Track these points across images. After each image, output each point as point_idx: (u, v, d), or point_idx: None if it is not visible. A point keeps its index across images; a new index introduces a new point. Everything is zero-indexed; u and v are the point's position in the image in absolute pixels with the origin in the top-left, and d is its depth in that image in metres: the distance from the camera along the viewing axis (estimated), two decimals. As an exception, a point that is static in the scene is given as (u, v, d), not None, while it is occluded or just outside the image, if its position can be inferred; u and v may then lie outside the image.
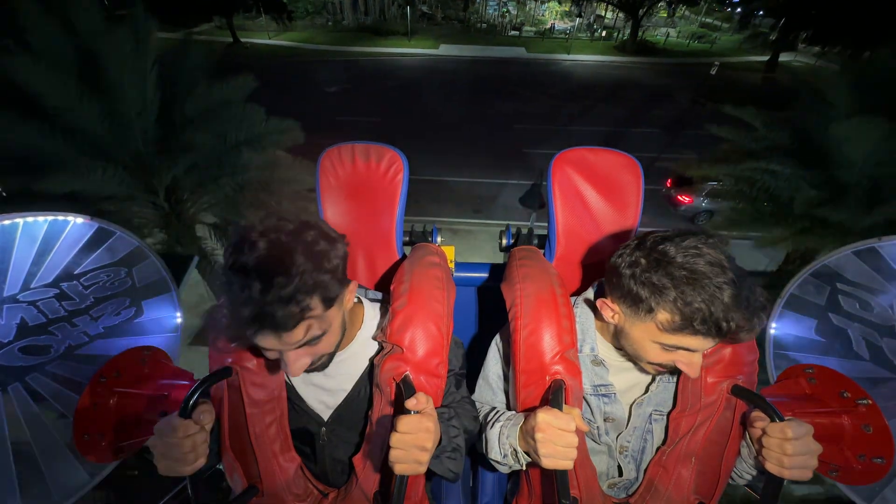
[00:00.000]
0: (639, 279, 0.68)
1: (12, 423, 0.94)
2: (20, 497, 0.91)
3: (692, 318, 0.64)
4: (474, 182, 10.89)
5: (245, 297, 0.58)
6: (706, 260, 0.64)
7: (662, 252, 0.67)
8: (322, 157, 1.06)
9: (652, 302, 0.67)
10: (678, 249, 0.66)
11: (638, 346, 0.75)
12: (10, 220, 1.09)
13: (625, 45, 22.14)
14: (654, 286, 0.66)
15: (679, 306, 0.64)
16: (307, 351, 0.68)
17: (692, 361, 0.71)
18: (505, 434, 0.80)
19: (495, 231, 7.23)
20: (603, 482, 0.92)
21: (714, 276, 0.63)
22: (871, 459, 0.77)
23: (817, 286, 1.09)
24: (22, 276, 1.06)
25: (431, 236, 1.22)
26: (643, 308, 0.69)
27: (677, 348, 0.69)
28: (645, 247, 0.70)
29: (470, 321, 1.35)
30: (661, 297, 0.65)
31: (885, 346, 0.98)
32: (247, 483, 0.82)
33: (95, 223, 1.18)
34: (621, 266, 0.72)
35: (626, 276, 0.70)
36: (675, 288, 0.64)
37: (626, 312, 0.74)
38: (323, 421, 0.87)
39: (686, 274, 0.64)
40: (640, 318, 0.70)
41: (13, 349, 0.99)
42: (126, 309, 1.14)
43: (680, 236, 0.68)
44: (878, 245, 1.08)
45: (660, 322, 0.68)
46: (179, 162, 4.35)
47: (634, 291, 0.69)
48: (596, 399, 0.86)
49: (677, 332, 0.67)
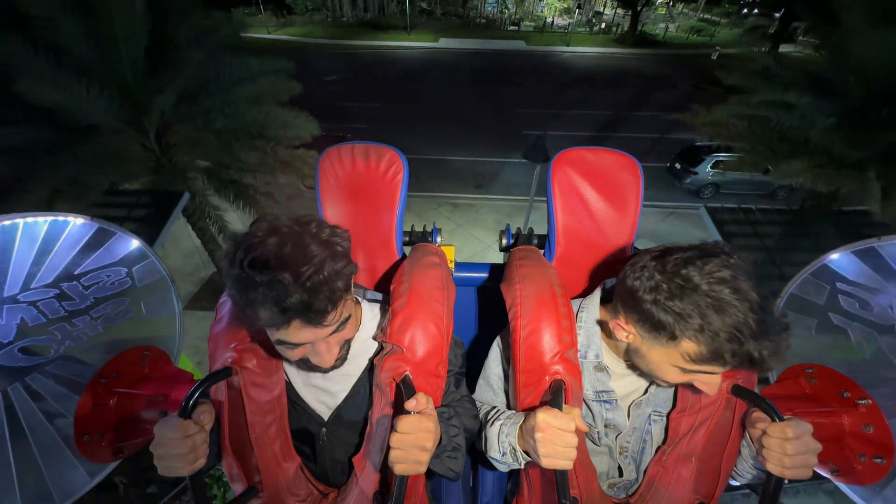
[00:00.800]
0: (661, 306, 0.66)
1: (12, 424, 0.94)
2: (20, 497, 0.91)
3: (721, 350, 0.62)
4: (476, 161, 11.13)
5: (275, 292, 0.57)
6: (731, 287, 0.61)
7: (686, 278, 0.64)
8: (322, 157, 1.06)
9: (676, 330, 0.65)
10: (702, 276, 0.63)
11: (655, 367, 0.73)
12: (10, 221, 1.09)
13: (624, 38, 22.37)
14: (679, 315, 0.64)
15: (707, 338, 0.62)
16: (336, 338, 0.69)
17: (712, 382, 0.71)
18: (504, 432, 0.80)
19: (496, 204, 7.77)
20: (603, 482, 0.92)
21: (741, 304, 0.60)
22: (871, 459, 0.77)
23: (817, 286, 1.09)
24: (22, 276, 1.06)
25: (431, 236, 1.22)
26: (665, 335, 0.67)
27: (700, 373, 0.68)
28: (666, 271, 0.67)
29: (470, 321, 1.35)
30: (687, 326, 0.63)
31: (885, 346, 0.98)
32: (247, 483, 0.82)
33: (96, 223, 1.18)
34: (640, 290, 0.69)
35: (647, 301, 0.67)
36: (702, 318, 0.62)
37: (643, 336, 0.72)
38: (323, 421, 0.87)
39: (712, 302, 0.61)
40: (660, 343, 0.69)
41: (13, 349, 0.99)
42: (126, 309, 1.14)
43: (702, 259, 0.65)
44: (878, 245, 1.08)
45: (685, 351, 0.66)
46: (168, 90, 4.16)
47: (656, 318, 0.67)
48: (598, 405, 0.86)
49: (703, 362, 0.65)
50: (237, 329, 0.81)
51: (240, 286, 0.60)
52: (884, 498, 0.85)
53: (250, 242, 0.60)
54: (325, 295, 0.61)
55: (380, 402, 0.79)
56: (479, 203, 9.75)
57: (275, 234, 0.61)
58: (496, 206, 9.70)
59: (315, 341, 0.67)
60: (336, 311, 0.64)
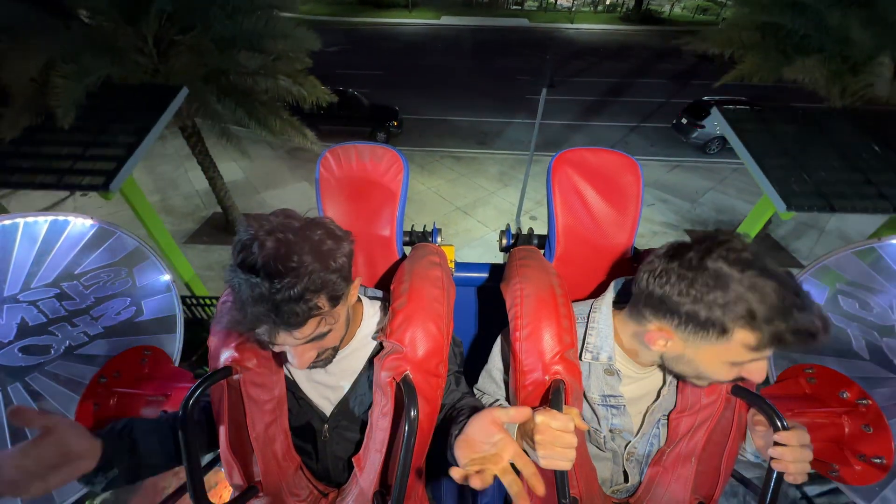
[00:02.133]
0: (704, 301, 0.64)
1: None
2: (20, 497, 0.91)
3: (779, 332, 0.60)
4: (479, 121, 11.40)
5: (255, 295, 0.59)
6: (758, 268, 0.61)
7: (716, 270, 0.63)
8: (322, 157, 1.06)
9: (727, 322, 0.63)
10: (729, 263, 0.62)
11: (705, 368, 0.71)
12: (11, 221, 1.09)
13: (629, 16, 22.38)
14: (726, 306, 0.62)
15: (760, 322, 0.60)
16: (314, 346, 0.69)
17: (762, 368, 0.69)
18: None
19: (499, 157, 8.10)
20: (607, 488, 0.92)
21: (774, 281, 0.60)
22: (871, 459, 0.77)
23: (817, 286, 1.09)
24: (22, 275, 1.06)
25: (431, 236, 1.22)
26: (715, 331, 0.64)
27: (753, 361, 0.67)
28: (692, 267, 0.65)
29: (470, 321, 1.35)
30: (736, 315, 0.62)
31: (885, 346, 0.98)
32: (246, 483, 0.82)
33: (96, 223, 1.18)
34: (674, 294, 0.67)
35: (686, 302, 0.65)
36: (747, 303, 0.61)
37: (686, 339, 0.69)
38: (325, 417, 0.87)
39: (750, 286, 0.60)
40: (709, 341, 0.66)
41: (13, 349, 0.99)
42: (126, 309, 1.14)
43: (720, 246, 0.64)
44: (878, 245, 1.08)
45: (742, 342, 0.64)
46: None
47: (703, 316, 0.64)
48: (604, 409, 0.85)
49: (763, 348, 0.64)
50: None
51: (233, 285, 0.62)
52: (884, 498, 0.85)
53: (246, 242, 0.61)
54: (300, 309, 0.61)
55: (380, 402, 0.80)
56: (482, 157, 10.03)
57: (274, 235, 0.61)
58: (499, 160, 9.98)
59: (286, 345, 0.67)
60: (311, 324, 0.64)
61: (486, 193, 8.80)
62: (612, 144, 10.94)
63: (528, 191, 7.78)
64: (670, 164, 10.10)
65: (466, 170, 9.55)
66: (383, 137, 10.70)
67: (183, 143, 9.44)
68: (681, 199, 9.16)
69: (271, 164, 10.02)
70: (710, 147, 9.82)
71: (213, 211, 7.92)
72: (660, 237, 8.07)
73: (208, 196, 7.99)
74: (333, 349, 0.76)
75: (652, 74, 14.33)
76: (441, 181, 9.41)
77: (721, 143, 9.71)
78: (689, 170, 9.89)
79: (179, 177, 8.76)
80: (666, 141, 10.67)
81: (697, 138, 9.83)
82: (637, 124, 11.63)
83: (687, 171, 9.87)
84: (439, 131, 10.82)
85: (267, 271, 0.59)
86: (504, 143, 10.50)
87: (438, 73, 14.06)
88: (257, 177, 9.43)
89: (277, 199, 8.88)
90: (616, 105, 12.48)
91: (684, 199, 9.14)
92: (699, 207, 8.95)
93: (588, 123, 11.78)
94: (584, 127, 11.68)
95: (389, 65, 14.69)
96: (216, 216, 7.88)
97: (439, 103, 12.06)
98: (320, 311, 0.64)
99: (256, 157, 10.02)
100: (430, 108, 11.65)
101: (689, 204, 9.02)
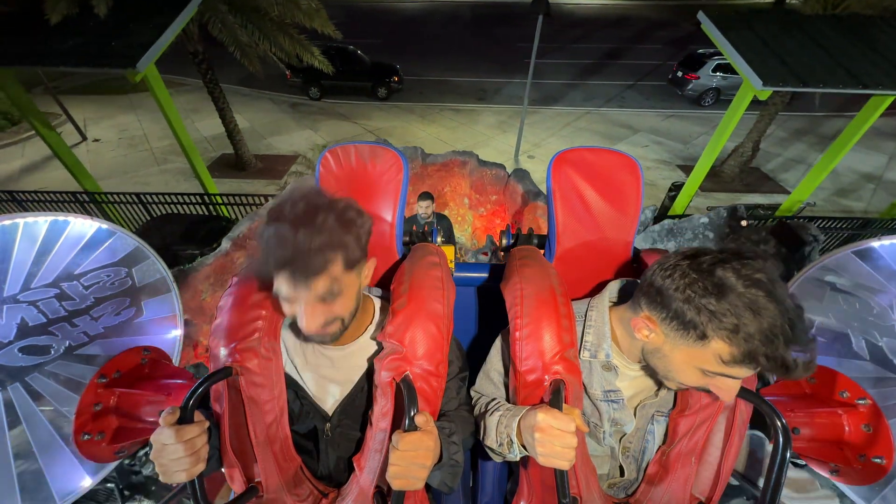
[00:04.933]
0: (694, 304, 0.64)
1: (12, 424, 0.94)
2: (20, 497, 0.91)
3: (755, 352, 0.61)
4: (479, 80, 12.04)
5: (280, 241, 0.64)
6: (767, 290, 0.61)
7: (721, 278, 0.63)
8: (322, 157, 1.06)
9: (708, 329, 0.63)
10: (738, 277, 0.62)
11: (675, 368, 0.72)
12: (11, 221, 1.09)
13: None
14: (712, 314, 0.62)
15: (741, 339, 0.61)
16: (324, 308, 0.71)
17: (732, 388, 0.69)
18: (503, 423, 0.80)
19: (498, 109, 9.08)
20: (603, 483, 0.92)
21: (777, 307, 0.60)
22: (871, 459, 0.77)
23: (817, 286, 1.09)
24: (22, 276, 1.06)
25: (431, 237, 1.22)
26: (694, 334, 0.65)
27: (723, 376, 0.67)
28: (701, 270, 0.65)
29: (470, 321, 1.35)
30: (721, 326, 0.62)
31: (885, 346, 0.98)
32: (247, 483, 0.82)
33: (96, 223, 1.18)
34: (671, 288, 0.67)
35: (679, 298, 0.66)
36: (737, 318, 0.61)
37: (668, 334, 0.70)
38: (328, 416, 0.87)
39: (749, 304, 0.60)
40: (686, 342, 0.67)
41: (13, 349, 0.99)
42: (126, 309, 1.14)
43: (739, 261, 0.64)
44: (878, 245, 1.08)
45: (716, 352, 0.64)
46: None
47: (688, 317, 0.65)
48: (606, 405, 0.86)
49: (735, 364, 0.64)
50: (237, 328, 0.81)
51: (262, 232, 0.68)
52: (884, 498, 0.85)
53: (281, 201, 0.69)
54: (316, 260, 0.65)
55: (380, 402, 0.80)
56: (481, 109, 10.70)
57: (306, 199, 0.68)
58: (496, 111, 10.64)
59: (298, 301, 0.69)
60: (323, 278, 0.67)
61: (485, 138, 9.43)
62: (608, 100, 11.59)
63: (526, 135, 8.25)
64: (665, 114, 10.77)
65: (466, 119, 10.22)
66: (384, 93, 11.26)
67: (189, 98, 11.16)
68: (674, 141, 9.83)
69: (276, 116, 10.80)
70: (704, 99, 10.39)
71: (222, 153, 9.00)
72: (652, 171, 8.68)
73: (216, 140, 9.36)
74: (342, 324, 0.76)
75: (650, 41, 14.85)
76: (441, 128, 10.05)
77: (715, 94, 10.23)
78: (684, 119, 10.57)
79: (188, 125, 9.73)
80: (661, 96, 11.37)
81: (692, 90, 10.39)
82: (633, 83, 12.18)
83: (681, 119, 10.56)
84: (440, 90, 11.43)
85: (293, 223, 0.65)
86: (503, 99, 11.14)
87: (437, 41, 14.51)
88: (263, 126, 10.28)
89: (284, 143, 9.59)
90: (613, 66, 13.06)
91: (677, 141, 9.80)
92: (692, 148, 9.52)
93: (585, 82, 12.31)
94: (580, 85, 12.20)
95: (389, 33, 15.04)
96: (225, 156, 8.91)
97: (439, 66, 12.62)
98: (333, 268, 0.68)
99: (261, 110, 11.03)
100: (430, 70, 12.24)
101: (682, 145, 9.65)
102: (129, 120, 10.62)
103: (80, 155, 8.80)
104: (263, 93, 11.65)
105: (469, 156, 5.21)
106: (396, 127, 10.13)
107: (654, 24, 17.03)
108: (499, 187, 5.22)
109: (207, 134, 9.79)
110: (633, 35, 15.47)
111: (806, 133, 10.20)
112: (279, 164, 8.82)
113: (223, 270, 3.62)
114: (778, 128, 9.86)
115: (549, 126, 10.26)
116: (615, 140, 9.80)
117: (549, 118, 10.63)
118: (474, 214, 5.55)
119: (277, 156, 9.13)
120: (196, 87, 10.57)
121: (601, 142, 9.56)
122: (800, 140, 9.94)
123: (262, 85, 11.45)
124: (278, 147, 9.41)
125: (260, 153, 9.13)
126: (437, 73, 12.15)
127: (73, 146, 9.04)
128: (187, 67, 8.44)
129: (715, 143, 5.63)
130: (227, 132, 7.79)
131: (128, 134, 10.08)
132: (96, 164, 8.87)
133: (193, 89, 11.35)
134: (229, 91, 7.55)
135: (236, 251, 3.70)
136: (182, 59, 7.21)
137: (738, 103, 4.91)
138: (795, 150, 9.61)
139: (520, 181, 5.02)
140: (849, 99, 10.30)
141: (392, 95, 11.26)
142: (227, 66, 9.82)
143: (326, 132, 9.80)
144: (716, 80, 10.09)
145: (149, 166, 8.94)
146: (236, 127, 7.83)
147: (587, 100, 11.47)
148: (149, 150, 9.46)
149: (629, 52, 13.91)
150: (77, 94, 11.60)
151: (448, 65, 12.72)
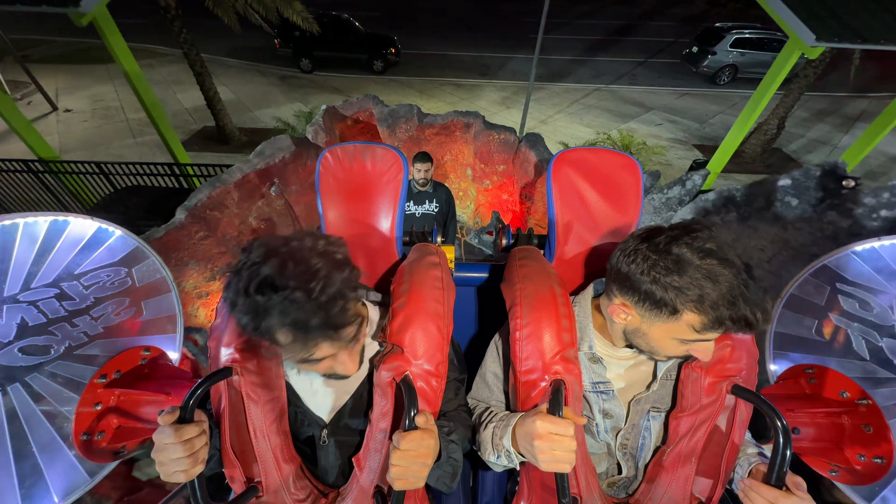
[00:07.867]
0: (661, 283, 0.69)
1: (12, 424, 0.94)
2: (20, 497, 0.91)
3: (721, 317, 0.66)
4: (481, 55, 11.64)
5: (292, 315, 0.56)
6: (718, 258, 0.66)
7: (678, 254, 0.68)
8: (322, 157, 1.06)
9: (678, 304, 0.68)
10: (692, 251, 0.67)
11: (657, 343, 0.76)
12: (11, 221, 1.09)
13: None
14: (678, 290, 0.68)
15: (707, 307, 0.67)
16: (357, 345, 0.70)
17: (708, 349, 0.75)
18: (498, 436, 0.81)
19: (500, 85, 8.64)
20: (602, 481, 0.92)
21: (730, 271, 0.65)
22: (871, 459, 0.77)
23: (817, 286, 1.09)
24: (22, 275, 1.06)
25: (431, 237, 1.22)
26: (667, 310, 0.70)
27: (699, 341, 0.73)
28: (659, 250, 0.70)
29: (470, 321, 1.35)
30: (687, 299, 0.67)
31: (885, 346, 0.98)
32: (247, 483, 0.82)
33: (96, 223, 1.18)
34: (637, 272, 0.72)
35: (646, 281, 0.71)
36: (699, 289, 0.66)
37: (643, 314, 0.75)
38: (324, 423, 0.87)
39: (706, 274, 0.66)
40: (661, 319, 0.72)
41: (13, 349, 0.99)
42: (126, 309, 1.13)
43: (689, 235, 0.69)
44: (878, 245, 1.07)
45: (689, 323, 0.70)
46: None
47: (658, 296, 0.70)
48: (595, 395, 0.87)
49: (707, 330, 0.69)
50: (238, 329, 0.81)
51: (252, 314, 0.58)
52: (884, 498, 0.85)
53: (250, 268, 0.58)
54: (341, 307, 0.61)
55: (380, 402, 0.80)
56: (484, 84, 10.24)
57: (272, 255, 0.59)
58: (500, 87, 10.19)
59: (336, 353, 0.68)
60: (351, 325, 0.66)
61: (488, 114, 8.80)
62: (618, 77, 11.22)
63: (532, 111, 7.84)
64: (679, 92, 10.25)
65: (468, 95, 9.77)
66: (380, 66, 10.59)
67: (171, 69, 10.50)
68: (689, 119, 9.34)
69: (264, 88, 10.25)
70: (720, 77, 9.80)
71: (203, 125, 8.56)
72: (668, 151, 8.21)
73: (197, 113, 8.82)
74: (362, 345, 0.77)
75: (661, 18, 14.48)
76: (441, 104, 9.58)
77: (732, 72, 9.62)
78: (699, 97, 10.05)
79: (169, 97, 9.36)
80: (673, 74, 10.89)
81: (708, 66, 9.78)
82: (644, 60, 11.79)
83: (696, 98, 10.04)
84: (440, 64, 10.95)
85: (292, 283, 0.56)
86: (506, 74, 10.70)
87: (440, 15, 14.07)
88: (249, 98, 9.76)
89: (271, 116, 8.99)
90: (624, 43, 12.65)
91: (693, 120, 9.30)
92: (708, 127, 9.06)
93: (594, 59, 11.89)
94: (589, 62, 11.78)
95: (388, 5, 14.56)
96: (206, 129, 8.46)
97: (440, 40, 12.18)
98: (353, 305, 0.65)
99: (248, 83, 10.47)
100: (430, 44, 11.78)
101: (697, 124, 9.16)
102: (105, 90, 9.90)
103: (49, 126, 8.37)
104: (252, 64, 10.99)
105: (474, 117, 4.49)
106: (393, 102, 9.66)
107: (666, 0, 16.67)
108: (507, 155, 4.49)
109: (189, 105, 9.19)
110: (644, 11, 15.11)
111: (830, 114, 9.62)
112: (264, 138, 8.28)
113: (177, 246, 2.85)
114: (798, 108, 9.21)
115: (555, 102, 9.81)
116: (626, 118, 9.34)
117: (556, 94, 10.18)
118: (478, 188, 4.92)
119: (264, 129, 8.50)
120: (179, 58, 9.59)
121: (611, 119, 9.19)
122: (822, 121, 9.37)
123: (251, 56, 10.95)
124: (265, 121, 8.89)
125: (245, 126, 8.69)
126: (438, 48, 11.72)
127: (40, 117, 8.60)
128: (171, 38, 7.64)
129: (747, 116, 5.14)
130: (207, 101, 7.28)
131: (103, 105, 9.36)
132: (66, 134, 8.23)
133: (176, 59, 10.59)
134: (216, 62, 6.78)
135: (194, 224, 2.92)
136: (166, 29, 6.77)
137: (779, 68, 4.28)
138: (819, 130, 9.07)
139: (532, 147, 4.23)
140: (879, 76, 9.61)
141: (389, 69, 10.59)
142: (214, 38, 9.44)
143: (318, 106, 9.24)
144: (732, 55, 9.45)
145: (124, 138, 8.27)
146: (216, 95, 7.32)
147: (596, 77, 11.00)
148: (125, 121, 8.79)
149: (640, 28, 13.59)
150: (50, 63, 10.90)
151: (449, 39, 12.35)
